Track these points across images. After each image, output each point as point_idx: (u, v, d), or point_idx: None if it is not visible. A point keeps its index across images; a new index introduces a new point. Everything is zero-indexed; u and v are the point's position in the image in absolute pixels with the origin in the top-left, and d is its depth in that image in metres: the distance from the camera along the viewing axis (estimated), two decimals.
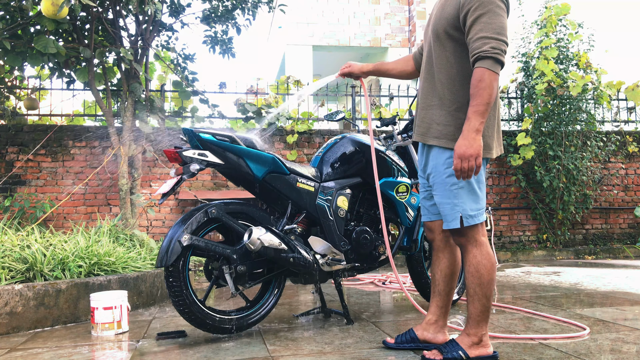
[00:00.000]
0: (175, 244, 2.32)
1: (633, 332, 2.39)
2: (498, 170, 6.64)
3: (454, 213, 1.95)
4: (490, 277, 1.92)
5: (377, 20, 11.43)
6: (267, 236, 2.41)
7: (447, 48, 1.97)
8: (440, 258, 2.17)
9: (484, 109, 1.79)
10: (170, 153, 2.40)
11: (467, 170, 1.79)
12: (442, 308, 2.15)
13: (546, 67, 6.04)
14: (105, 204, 5.60)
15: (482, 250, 1.94)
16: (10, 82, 5.61)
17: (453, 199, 1.95)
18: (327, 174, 2.77)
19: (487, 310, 1.95)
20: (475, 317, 1.94)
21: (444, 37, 1.97)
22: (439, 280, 2.16)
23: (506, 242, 6.56)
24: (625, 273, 4.65)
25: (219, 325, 2.42)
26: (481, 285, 1.92)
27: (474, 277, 1.93)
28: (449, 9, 1.94)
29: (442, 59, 1.98)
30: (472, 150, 1.78)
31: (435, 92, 2.01)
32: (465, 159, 1.78)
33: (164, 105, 5.62)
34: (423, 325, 2.17)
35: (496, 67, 1.80)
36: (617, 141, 6.85)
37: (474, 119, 1.79)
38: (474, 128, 1.79)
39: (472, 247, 1.95)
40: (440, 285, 2.15)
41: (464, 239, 1.98)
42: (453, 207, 1.95)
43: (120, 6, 5.08)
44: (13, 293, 2.69)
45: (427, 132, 2.02)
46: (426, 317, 2.19)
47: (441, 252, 2.18)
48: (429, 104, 2.03)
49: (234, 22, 5.82)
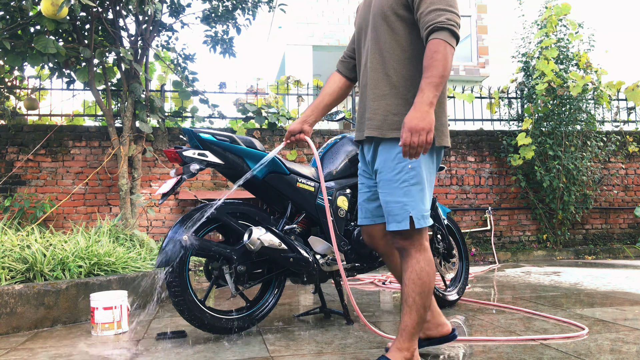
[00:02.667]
0: (175, 244, 2.32)
1: (633, 332, 2.39)
2: (498, 170, 6.64)
3: (403, 213, 1.76)
4: (431, 287, 1.77)
5: None
6: (267, 236, 2.41)
7: (397, 31, 1.80)
8: (396, 261, 1.97)
9: (439, 82, 1.62)
10: (170, 153, 2.40)
11: (417, 146, 1.60)
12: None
13: (546, 67, 6.04)
14: (105, 204, 5.60)
15: (426, 256, 1.78)
16: (10, 82, 5.61)
17: (403, 198, 1.76)
18: (327, 174, 2.77)
19: (423, 322, 1.79)
20: (410, 329, 1.76)
21: (392, 18, 1.80)
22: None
23: (506, 242, 6.56)
24: (625, 273, 4.65)
25: (219, 325, 2.42)
26: (422, 295, 1.75)
27: (415, 284, 1.75)
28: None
29: (392, 44, 1.81)
30: (424, 123, 1.59)
31: (387, 80, 1.82)
32: (416, 133, 1.59)
33: (164, 105, 5.62)
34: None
35: (452, 39, 1.66)
36: (617, 141, 6.85)
37: (427, 91, 1.61)
38: (427, 100, 1.61)
39: (416, 252, 1.78)
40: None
41: (409, 243, 1.79)
42: (403, 206, 1.76)
43: (120, 6, 5.08)
44: (13, 293, 2.69)
45: (382, 125, 1.81)
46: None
47: (393, 256, 2.00)
48: (380, 94, 1.83)
49: (234, 22, 5.82)
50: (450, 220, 3.30)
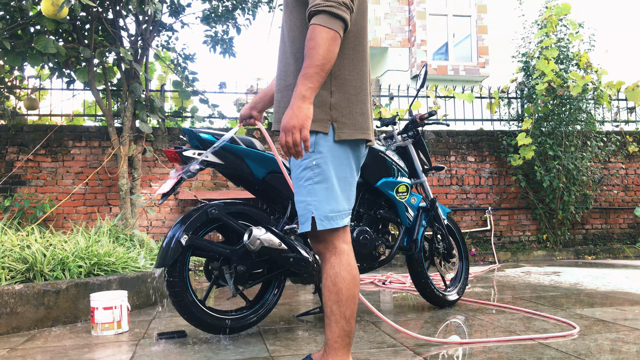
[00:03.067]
0: (175, 244, 2.32)
1: (633, 332, 2.39)
2: (498, 170, 6.64)
3: (306, 214, 1.62)
4: (350, 293, 1.58)
5: (377, 20, 11.42)
6: (267, 236, 2.41)
7: (295, 15, 1.66)
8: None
9: (313, 72, 1.46)
10: (170, 153, 2.40)
11: (292, 146, 1.47)
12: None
13: (546, 67, 6.04)
14: (105, 204, 5.60)
15: (342, 259, 1.60)
16: (10, 82, 5.61)
17: (306, 197, 1.62)
18: None
19: (348, 334, 1.59)
20: (331, 343, 1.59)
21: (291, 3, 1.67)
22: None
23: (506, 242, 6.56)
24: (625, 273, 4.65)
25: (219, 325, 2.42)
26: (339, 303, 1.57)
27: (330, 292, 1.58)
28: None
29: (291, 31, 1.67)
30: (295, 120, 1.45)
31: (289, 69, 1.67)
32: (289, 132, 1.46)
33: (164, 105, 5.62)
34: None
35: (332, 22, 1.47)
36: (617, 141, 6.85)
37: (300, 84, 1.47)
38: (299, 95, 1.46)
39: (330, 256, 1.62)
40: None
41: (322, 246, 1.65)
42: (306, 206, 1.62)
43: (120, 6, 5.08)
44: (13, 293, 2.69)
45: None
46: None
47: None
48: (284, 85, 1.68)
49: (234, 22, 5.83)
50: (450, 220, 3.30)
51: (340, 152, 1.64)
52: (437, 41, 11.41)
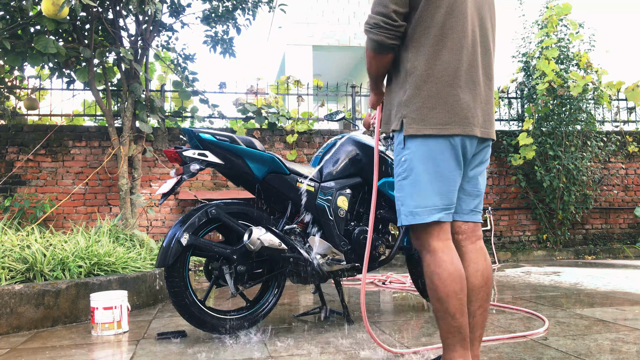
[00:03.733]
0: (175, 244, 2.32)
1: (633, 332, 2.39)
2: (498, 170, 6.64)
3: (398, 209, 1.70)
4: (449, 290, 1.58)
5: None
6: (267, 236, 2.41)
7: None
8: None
9: (370, 78, 1.84)
10: (170, 153, 2.40)
11: (366, 125, 1.78)
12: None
13: (547, 67, 6.04)
14: (105, 204, 5.60)
15: (436, 258, 1.62)
16: (10, 82, 5.61)
17: (397, 192, 1.70)
18: (327, 174, 2.77)
19: (458, 330, 1.60)
20: (444, 339, 1.64)
21: None
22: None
23: (506, 242, 6.56)
24: (625, 273, 4.65)
25: (219, 325, 2.43)
26: (440, 301, 1.60)
27: (430, 290, 1.63)
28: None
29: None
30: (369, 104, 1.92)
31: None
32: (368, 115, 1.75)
33: (164, 105, 5.62)
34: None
35: (368, 43, 1.71)
36: (617, 141, 6.85)
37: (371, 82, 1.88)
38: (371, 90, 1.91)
39: (425, 254, 1.65)
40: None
41: (418, 243, 1.69)
42: (397, 201, 1.71)
43: (120, 6, 5.08)
44: (13, 293, 2.69)
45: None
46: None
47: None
48: (385, 90, 1.91)
49: (234, 22, 5.82)
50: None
51: (430, 147, 1.62)
52: None
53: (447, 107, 1.62)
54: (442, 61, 1.63)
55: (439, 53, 1.63)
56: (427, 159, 1.63)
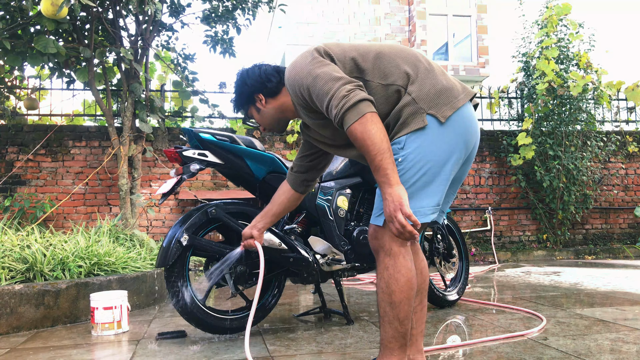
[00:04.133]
0: (175, 244, 2.32)
1: (633, 332, 2.39)
2: (498, 170, 6.64)
3: (378, 206, 1.65)
4: (404, 296, 1.57)
5: (377, 20, 11.43)
6: (267, 236, 2.41)
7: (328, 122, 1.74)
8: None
9: (378, 161, 1.48)
10: (170, 153, 2.40)
11: (403, 230, 1.47)
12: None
13: (547, 67, 6.04)
14: (105, 204, 5.60)
15: (397, 262, 1.59)
16: (10, 82, 5.61)
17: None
18: (327, 174, 2.77)
19: (402, 336, 1.59)
20: (387, 343, 1.60)
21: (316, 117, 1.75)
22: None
23: (506, 242, 6.56)
24: (625, 273, 4.65)
25: (219, 325, 2.43)
26: (392, 305, 1.58)
27: (384, 294, 1.60)
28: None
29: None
30: (392, 205, 1.47)
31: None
32: (393, 219, 1.47)
33: (164, 105, 5.62)
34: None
35: (357, 111, 1.50)
36: (617, 141, 6.85)
37: (378, 177, 1.51)
38: (383, 184, 1.50)
39: (385, 257, 1.62)
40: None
41: (377, 244, 1.65)
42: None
43: (120, 6, 5.08)
44: (13, 293, 2.69)
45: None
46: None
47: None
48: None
49: (234, 22, 5.83)
50: (450, 220, 3.30)
51: (464, 116, 1.62)
52: (437, 41, 11.41)
53: (449, 89, 1.64)
54: (401, 68, 1.64)
55: (399, 67, 1.64)
56: (420, 160, 1.58)
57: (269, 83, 1.84)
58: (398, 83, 1.62)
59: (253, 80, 1.84)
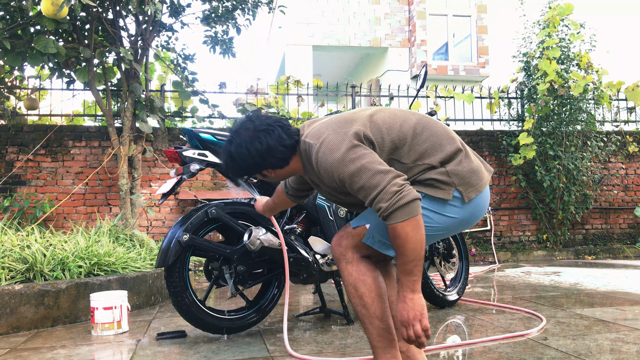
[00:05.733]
0: (175, 244, 2.32)
1: (633, 332, 2.39)
2: (498, 170, 6.64)
3: (371, 230, 1.70)
4: (374, 294, 1.63)
5: (377, 20, 11.42)
6: (267, 236, 2.41)
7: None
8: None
9: (412, 266, 1.49)
10: (170, 153, 2.40)
11: (415, 338, 1.48)
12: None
13: (549, 67, 6.03)
14: (105, 204, 5.60)
15: (360, 266, 1.67)
16: (10, 82, 5.61)
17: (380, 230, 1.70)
18: None
19: (387, 331, 1.63)
20: (375, 344, 1.64)
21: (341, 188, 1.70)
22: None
23: (506, 242, 6.56)
24: (625, 273, 4.65)
25: (219, 325, 2.42)
26: (366, 306, 1.63)
27: (354, 297, 1.65)
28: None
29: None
30: (412, 313, 1.48)
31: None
32: (409, 325, 1.48)
33: (164, 105, 5.62)
34: None
35: (406, 211, 1.48)
36: (617, 141, 6.85)
37: (404, 280, 1.51)
38: (408, 289, 1.51)
39: (346, 265, 1.68)
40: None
41: (339, 252, 1.71)
42: (373, 227, 1.70)
43: (120, 6, 5.08)
44: (13, 293, 2.69)
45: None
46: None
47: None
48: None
49: (234, 22, 5.82)
50: None
51: (442, 214, 1.67)
52: (437, 41, 11.41)
53: (478, 172, 1.71)
54: (443, 151, 1.67)
55: (437, 149, 1.66)
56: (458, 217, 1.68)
57: (276, 160, 1.71)
58: (434, 164, 1.65)
59: (258, 160, 1.69)
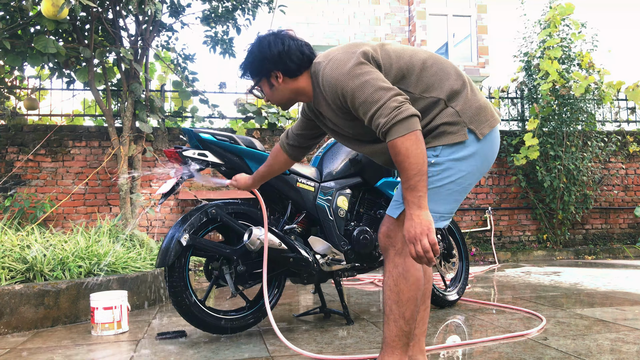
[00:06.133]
0: (175, 244, 2.32)
1: (633, 332, 2.39)
2: (498, 170, 6.64)
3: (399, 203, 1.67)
4: (410, 295, 1.60)
5: (377, 20, 11.43)
6: (267, 236, 2.41)
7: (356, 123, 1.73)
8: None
9: (415, 181, 1.47)
10: (170, 153, 2.40)
11: (424, 254, 1.46)
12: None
13: (550, 67, 6.02)
14: (105, 204, 5.60)
15: (407, 261, 1.62)
16: (10, 82, 5.61)
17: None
18: (327, 174, 2.77)
19: (406, 335, 1.61)
20: (390, 341, 1.62)
21: (345, 116, 1.72)
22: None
23: (506, 242, 6.56)
24: (625, 273, 4.65)
25: (219, 325, 2.42)
26: (399, 304, 1.60)
27: (392, 292, 1.62)
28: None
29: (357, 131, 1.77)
30: (419, 228, 1.46)
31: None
32: (416, 241, 1.47)
33: (164, 105, 5.62)
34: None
35: (405, 126, 1.48)
36: (617, 141, 6.85)
37: (409, 196, 1.49)
38: (414, 205, 1.48)
39: (395, 255, 1.64)
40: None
41: (388, 242, 1.68)
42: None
43: (120, 6, 5.08)
44: (13, 293, 2.69)
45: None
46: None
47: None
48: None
49: (234, 22, 5.82)
50: (450, 221, 3.30)
51: (461, 158, 1.63)
52: (437, 41, 11.41)
53: (487, 108, 1.70)
54: (452, 82, 1.66)
55: (444, 82, 1.66)
56: (451, 174, 1.63)
57: (291, 63, 1.72)
58: (441, 97, 1.63)
59: (275, 55, 1.70)
